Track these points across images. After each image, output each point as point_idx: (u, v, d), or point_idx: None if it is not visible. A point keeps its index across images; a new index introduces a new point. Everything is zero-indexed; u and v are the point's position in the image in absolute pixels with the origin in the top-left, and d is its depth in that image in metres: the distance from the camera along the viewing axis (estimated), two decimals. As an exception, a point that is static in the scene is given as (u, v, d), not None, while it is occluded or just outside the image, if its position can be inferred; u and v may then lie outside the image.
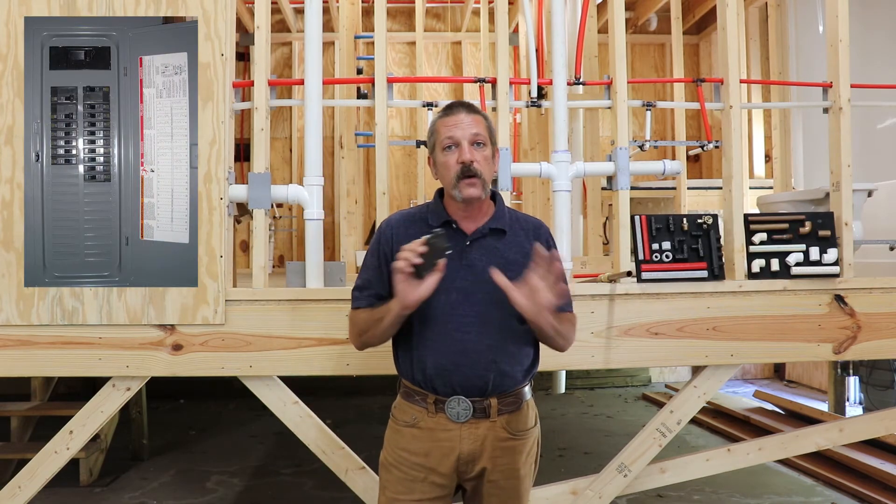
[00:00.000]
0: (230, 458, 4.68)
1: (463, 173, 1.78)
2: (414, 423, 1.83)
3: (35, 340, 2.64)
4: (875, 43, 5.19)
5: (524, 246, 1.85)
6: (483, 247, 1.83)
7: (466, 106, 1.85)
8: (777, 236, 2.86)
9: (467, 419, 1.79)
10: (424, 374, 1.80)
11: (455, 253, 1.77)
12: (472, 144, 1.80)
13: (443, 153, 1.82)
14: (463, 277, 1.80)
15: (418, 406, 1.83)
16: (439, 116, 1.86)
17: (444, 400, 1.79)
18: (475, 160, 1.78)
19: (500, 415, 1.80)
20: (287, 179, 7.07)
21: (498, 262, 1.79)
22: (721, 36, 2.98)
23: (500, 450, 1.81)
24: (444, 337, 1.78)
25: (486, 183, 1.81)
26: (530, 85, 3.12)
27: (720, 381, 2.87)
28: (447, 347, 1.78)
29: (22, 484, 2.69)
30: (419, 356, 1.81)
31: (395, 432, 1.88)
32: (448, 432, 1.80)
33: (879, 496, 3.65)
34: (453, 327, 1.78)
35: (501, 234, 1.85)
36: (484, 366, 1.79)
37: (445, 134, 1.81)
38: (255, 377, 2.71)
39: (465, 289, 1.79)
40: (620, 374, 6.99)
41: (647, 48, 7.66)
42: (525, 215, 1.95)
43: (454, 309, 1.79)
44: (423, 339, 1.80)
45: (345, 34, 5.18)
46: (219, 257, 2.66)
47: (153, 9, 2.69)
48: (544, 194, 5.02)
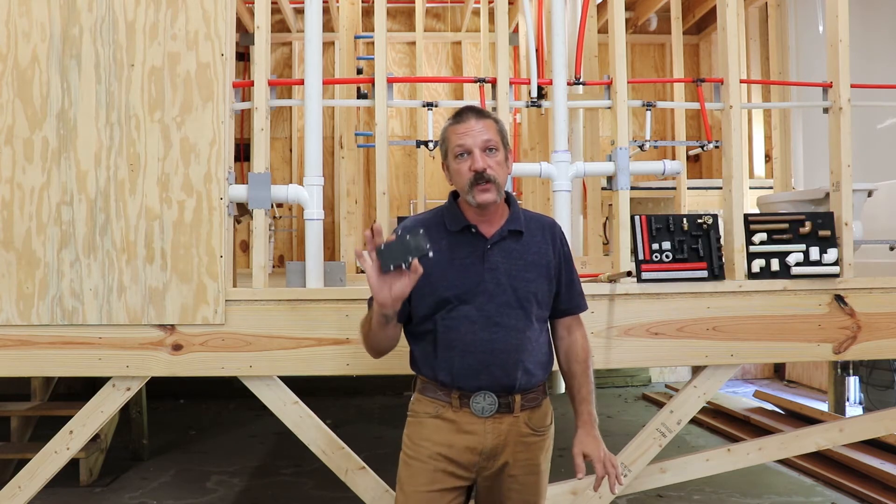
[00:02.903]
0: (230, 458, 4.67)
1: (476, 181, 1.79)
2: (438, 413, 1.85)
3: (35, 340, 2.64)
4: (875, 43, 5.19)
5: (542, 246, 1.89)
6: (503, 249, 1.85)
7: (476, 111, 1.85)
8: (777, 236, 2.86)
9: (492, 413, 1.81)
10: (452, 374, 1.82)
11: (477, 257, 1.82)
12: (484, 151, 1.80)
13: (455, 161, 1.83)
14: (487, 281, 1.82)
15: (441, 400, 1.85)
16: (450, 124, 1.87)
17: (469, 395, 1.82)
18: (488, 167, 1.79)
19: (522, 410, 1.84)
20: (287, 179, 7.07)
21: (518, 264, 1.84)
22: (721, 36, 2.98)
23: (522, 444, 1.84)
24: (471, 338, 1.81)
25: (501, 187, 1.83)
26: (530, 85, 3.12)
27: (720, 381, 2.87)
28: (475, 348, 1.80)
29: (22, 484, 2.69)
30: (445, 357, 1.83)
31: (416, 425, 1.89)
32: (472, 426, 1.82)
33: (879, 496, 3.64)
34: (480, 328, 1.81)
35: (519, 235, 1.88)
36: (512, 364, 1.82)
37: (456, 142, 1.82)
38: (255, 377, 2.71)
39: (490, 291, 1.82)
40: (620, 374, 6.99)
41: (647, 48, 7.66)
42: (537, 214, 1.98)
43: (479, 311, 1.81)
44: (449, 341, 1.82)
45: (345, 34, 5.18)
46: (219, 257, 2.66)
47: (153, 8, 2.69)
48: (544, 194, 5.02)
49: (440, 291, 1.82)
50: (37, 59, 2.67)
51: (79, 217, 2.65)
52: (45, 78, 2.66)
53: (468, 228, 1.86)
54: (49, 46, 2.67)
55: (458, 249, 1.85)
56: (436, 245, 1.75)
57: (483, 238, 1.86)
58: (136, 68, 2.68)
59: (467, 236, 1.86)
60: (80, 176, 2.65)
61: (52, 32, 2.67)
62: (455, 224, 1.86)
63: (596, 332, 2.75)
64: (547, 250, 1.90)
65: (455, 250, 1.85)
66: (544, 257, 1.89)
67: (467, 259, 1.84)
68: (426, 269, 1.71)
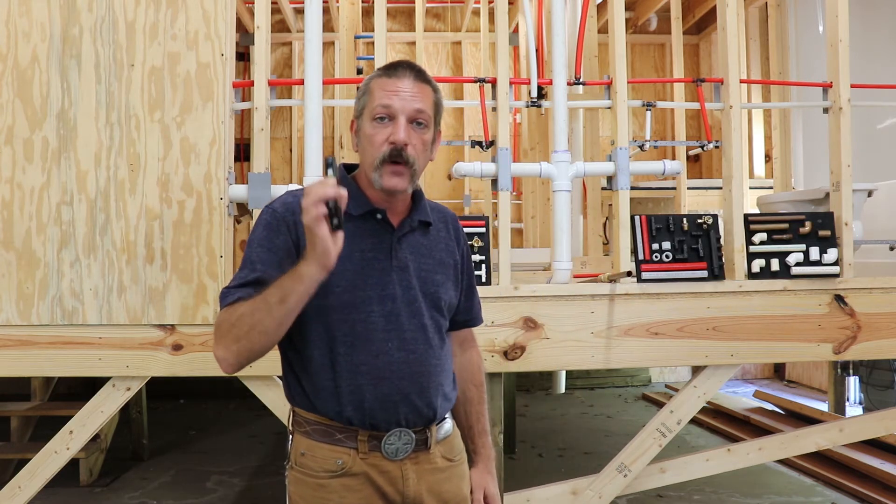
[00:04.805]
0: (230, 458, 4.67)
1: (391, 157, 1.39)
2: (343, 470, 1.40)
3: (35, 340, 2.64)
4: (875, 43, 5.18)
5: (448, 243, 1.56)
6: (410, 244, 1.48)
7: (415, 70, 1.44)
8: (777, 236, 2.86)
9: (406, 455, 1.43)
10: (361, 409, 1.40)
11: (382, 252, 1.44)
12: (412, 122, 1.41)
13: (371, 124, 1.42)
14: (397, 282, 1.44)
15: (343, 447, 1.41)
16: (378, 74, 1.46)
17: (380, 436, 1.41)
18: (410, 143, 1.40)
19: (437, 443, 1.48)
20: (287, 179, 7.07)
21: (427, 262, 1.49)
22: (721, 36, 2.98)
23: (443, 480, 1.49)
24: (385, 358, 1.41)
25: (417, 175, 1.44)
26: (530, 85, 3.12)
27: (720, 381, 2.87)
28: (391, 372, 1.41)
29: (22, 484, 2.69)
30: (351, 386, 1.40)
31: (315, 489, 1.41)
32: (387, 474, 1.42)
33: (879, 496, 3.64)
34: (395, 346, 1.42)
35: (427, 227, 1.52)
36: (433, 390, 1.45)
37: (381, 100, 1.41)
38: (255, 377, 2.71)
39: (401, 296, 1.44)
40: (620, 374, 6.98)
41: (647, 48, 7.66)
42: (436, 203, 1.61)
43: (391, 322, 1.42)
44: (354, 364, 1.40)
45: (345, 34, 5.18)
46: (219, 257, 2.66)
47: (153, 8, 2.69)
48: (544, 194, 5.02)
49: (337, 293, 1.39)
50: (37, 59, 2.67)
51: (79, 217, 2.65)
52: (45, 78, 2.67)
53: (373, 213, 1.45)
54: (49, 46, 2.67)
55: (358, 239, 1.42)
56: None
57: (390, 227, 1.46)
58: (136, 68, 2.68)
59: (370, 223, 1.44)
60: (80, 176, 2.66)
61: (52, 32, 2.67)
62: (356, 207, 1.43)
63: (596, 332, 2.76)
64: (453, 248, 1.56)
65: (354, 240, 1.40)
66: (451, 255, 1.55)
67: (370, 253, 1.43)
68: None
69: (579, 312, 2.77)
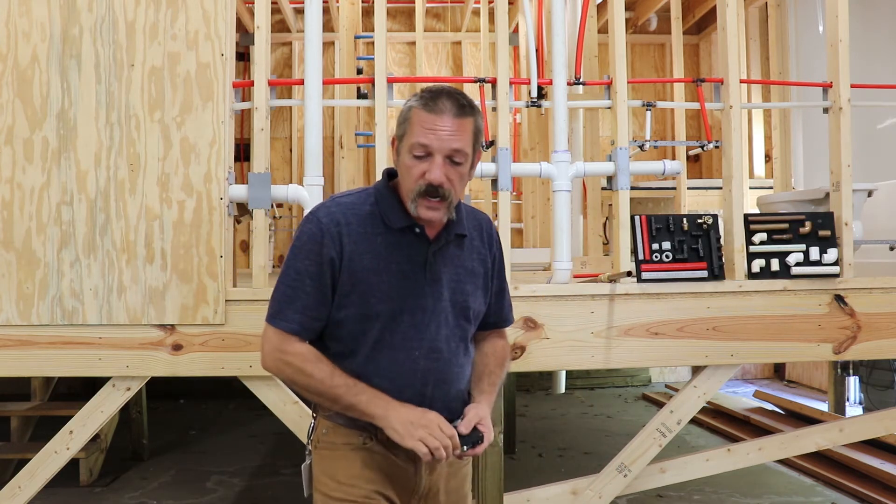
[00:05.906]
0: (230, 458, 4.67)
1: (427, 192, 1.46)
2: (365, 445, 1.54)
3: (35, 340, 2.64)
4: (875, 43, 5.18)
5: (481, 251, 1.62)
6: (444, 256, 1.56)
7: (457, 105, 1.47)
8: (777, 236, 2.86)
9: None
10: None
11: (417, 264, 1.53)
12: (447, 160, 1.47)
13: (409, 156, 1.48)
14: (429, 294, 1.53)
15: (367, 432, 1.53)
16: (419, 105, 1.48)
17: None
18: (446, 182, 1.46)
19: None
20: (287, 179, 7.07)
21: (459, 273, 1.57)
22: (721, 36, 2.98)
23: (450, 475, 1.62)
24: (414, 366, 1.51)
25: (454, 204, 1.51)
26: (530, 85, 3.11)
27: (720, 381, 2.87)
28: (419, 379, 1.51)
29: (22, 484, 2.69)
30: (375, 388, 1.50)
31: (338, 460, 1.54)
32: (405, 463, 1.55)
33: (879, 496, 3.64)
34: (422, 354, 1.51)
35: (461, 239, 1.59)
36: (457, 395, 1.56)
37: (419, 137, 1.46)
38: (255, 377, 2.71)
39: (431, 308, 1.52)
40: (620, 374, 6.99)
41: (647, 48, 7.66)
42: (471, 208, 1.68)
43: (420, 332, 1.51)
44: (380, 370, 1.50)
45: (345, 34, 5.19)
46: (219, 257, 2.66)
47: (153, 8, 2.69)
48: (544, 194, 5.02)
49: (372, 304, 1.50)
50: (37, 59, 2.67)
51: (79, 217, 2.65)
52: (45, 78, 2.66)
53: (411, 228, 1.53)
54: (49, 46, 2.67)
55: (396, 252, 1.52)
56: (370, 244, 1.50)
57: (426, 240, 1.54)
58: (136, 68, 2.68)
59: (408, 237, 1.53)
60: (80, 176, 2.65)
61: (52, 32, 2.67)
62: (396, 220, 1.52)
63: (596, 332, 2.76)
64: (485, 255, 1.62)
65: (393, 253, 1.51)
66: (483, 264, 1.61)
67: (406, 265, 1.52)
68: (356, 274, 1.47)
69: (579, 312, 2.77)
